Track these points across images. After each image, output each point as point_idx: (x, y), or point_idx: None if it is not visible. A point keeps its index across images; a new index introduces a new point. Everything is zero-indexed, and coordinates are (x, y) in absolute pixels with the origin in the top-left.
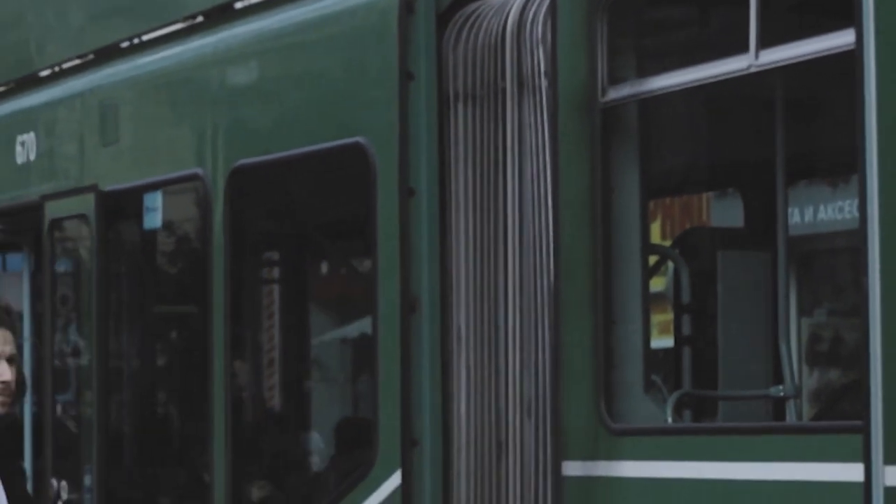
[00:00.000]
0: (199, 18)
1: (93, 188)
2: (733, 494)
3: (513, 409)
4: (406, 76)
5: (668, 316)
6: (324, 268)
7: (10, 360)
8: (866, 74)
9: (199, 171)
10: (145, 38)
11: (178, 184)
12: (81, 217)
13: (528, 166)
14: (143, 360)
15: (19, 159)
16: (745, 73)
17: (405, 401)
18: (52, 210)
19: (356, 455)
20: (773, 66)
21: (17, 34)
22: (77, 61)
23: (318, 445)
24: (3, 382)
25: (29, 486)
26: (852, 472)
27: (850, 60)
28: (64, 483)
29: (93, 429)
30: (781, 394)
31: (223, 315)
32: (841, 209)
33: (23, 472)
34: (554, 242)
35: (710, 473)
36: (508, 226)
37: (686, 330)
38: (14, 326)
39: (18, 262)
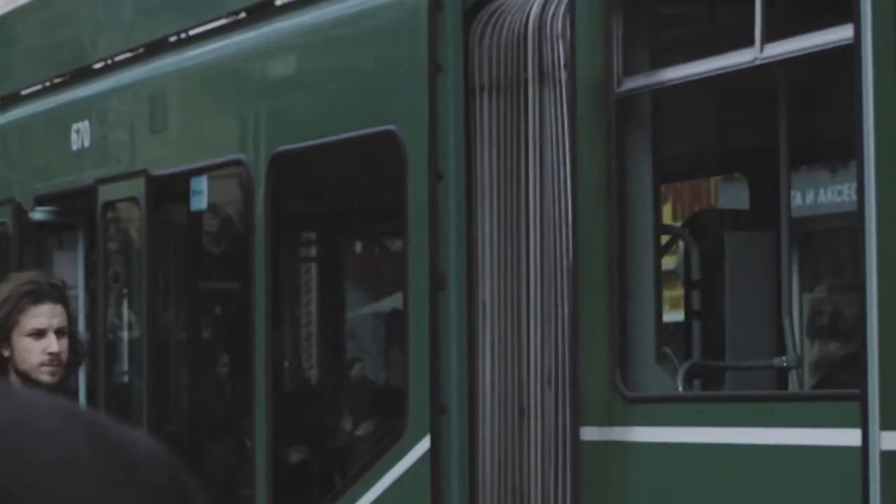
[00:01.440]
0: (242, 14)
1: (143, 172)
2: (739, 458)
3: (534, 378)
4: (435, 68)
5: (679, 292)
6: (358, 247)
7: (60, 332)
8: (863, 67)
9: (241, 156)
10: (192, 32)
11: (222, 168)
12: (132, 199)
13: (549, 152)
14: (189, 333)
15: (74, 146)
16: (750, 65)
17: (434, 371)
18: (105, 193)
19: (388, 421)
20: (777, 59)
21: (71, 29)
22: (128, 54)
23: (353, 412)
24: (52, 354)
25: None
26: (850, 437)
27: (848, 54)
28: None
29: (142, 396)
30: (784, 364)
31: (264, 291)
32: (840, 192)
33: None
34: (572, 223)
35: (717, 438)
36: (530, 208)
37: (695, 305)
38: (65, 300)
39: (74, 241)
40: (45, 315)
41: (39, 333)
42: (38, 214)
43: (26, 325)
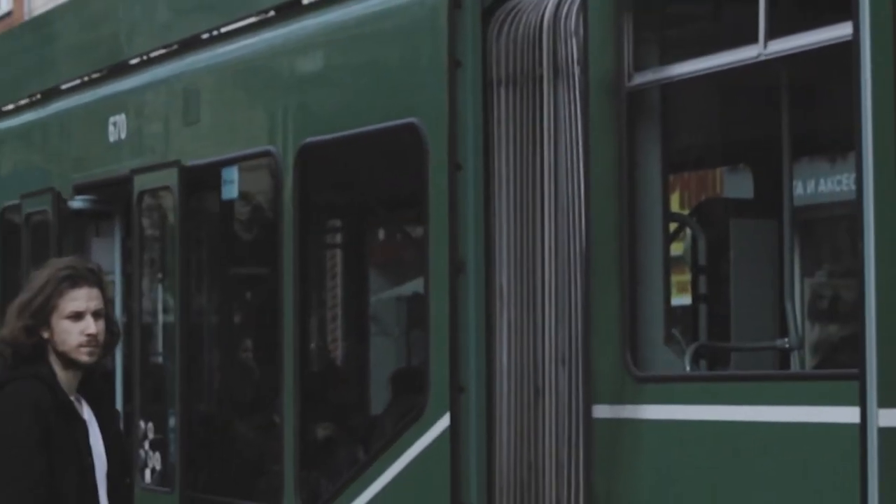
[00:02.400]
0: (271, 13)
1: (176, 163)
2: (743, 434)
3: (549, 358)
4: (454, 64)
5: (686, 277)
6: (381, 234)
7: (96, 314)
8: (862, 62)
9: (270, 148)
10: (223, 30)
11: (252, 159)
12: (166, 189)
13: (563, 144)
14: (221, 316)
15: (111, 138)
16: (754, 61)
17: (453, 352)
18: (141, 182)
19: (410, 400)
20: (780, 55)
21: (109, 27)
22: (163, 51)
23: (376, 391)
24: (90, 335)
25: (121, 427)
26: (849, 414)
27: (847, 50)
28: (151, 424)
29: (176, 376)
30: (786, 345)
31: (292, 276)
32: (839, 182)
33: (116, 414)
34: (585, 211)
35: (723, 416)
36: (545, 197)
37: (702, 289)
38: (101, 284)
39: (111, 228)
40: (82, 298)
41: (77, 316)
42: (77, 203)
43: (65, 308)
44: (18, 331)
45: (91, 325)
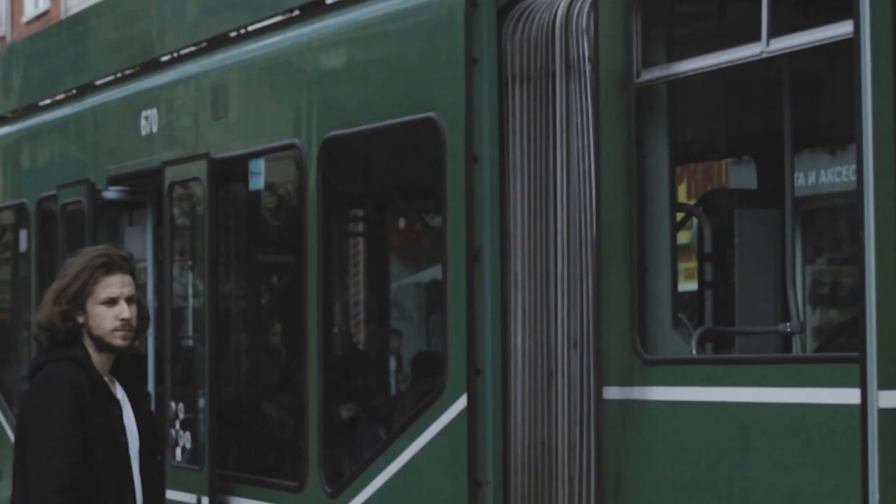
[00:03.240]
0: (296, 12)
1: (205, 155)
2: (747, 415)
3: (561, 342)
4: (471, 61)
5: (693, 264)
6: (401, 223)
7: (129, 300)
8: (862, 59)
9: (295, 140)
10: (250, 28)
11: (278, 152)
12: (196, 180)
13: (574, 137)
14: (248, 301)
15: (143, 131)
16: (757, 58)
17: (470, 336)
18: (171, 174)
19: (429, 381)
20: (782, 52)
21: (141, 25)
22: (192, 48)
23: (397, 373)
24: (124, 320)
25: (152, 407)
26: (850, 395)
27: (848, 47)
28: (181, 405)
29: (205, 359)
30: (789, 330)
31: (316, 263)
32: (839, 173)
33: (148, 395)
34: (596, 202)
35: (727, 397)
36: (557, 187)
37: (708, 276)
38: (133, 271)
39: (143, 217)
40: (116, 285)
41: (112, 302)
42: (111, 193)
43: (100, 294)
44: (55, 316)
45: (125, 310)
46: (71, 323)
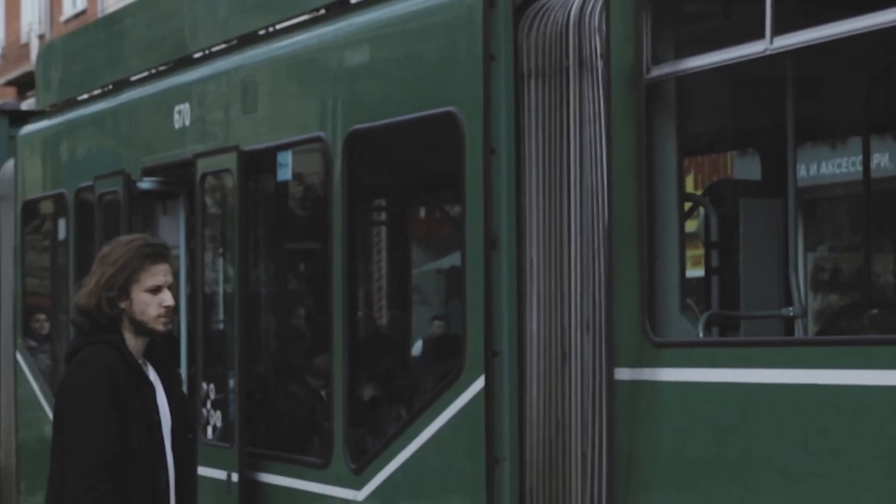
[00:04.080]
0: (322, 11)
1: (235, 148)
2: (751, 395)
3: (575, 326)
4: (489, 58)
5: (700, 251)
6: (422, 212)
7: (170, 287)
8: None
9: (321, 133)
10: (278, 27)
11: (305, 144)
12: (226, 171)
13: (587, 130)
14: (276, 286)
15: (176, 125)
16: (761, 55)
17: (488, 319)
18: (203, 166)
19: (448, 363)
20: (785, 49)
21: (175, 24)
22: (223, 45)
23: (418, 355)
24: (167, 307)
25: (184, 388)
26: (850, 376)
27: (848, 46)
28: (212, 386)
29: (235, 342)
30: (791, 314)
31: (341, 250)
32: (839, 165)
33: (179, 377)
34: (607, 191)
35: (732, 378)
36: (571, 178)
37: (714, 262)
38: (171, 260)
39: (176, 207)
40: (161, 273)
41: (157, 289)
42: (145, 184)
43: (146, 281)
44: (104, 302)
45: (168, 298)
46: (116, 310)
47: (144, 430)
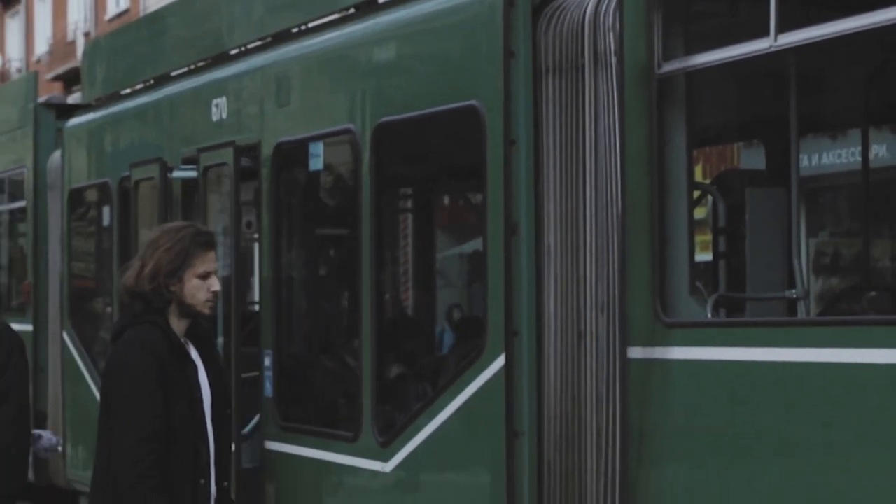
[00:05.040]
0: (351, 10)
1: (270, 139)
2: (756, 372)
3: (590, 307)
4: (509, 54)
5: (708, 237)
6: (446, 200)
7: (215, 273)
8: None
9: (351, 126)
10: (311, 25)
11: (335, 136)
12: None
13: (602, 123)
14: (308, 271)
15: (214, 117)
16: (766, 52)
17: (508, 301)
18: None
19: (470, 343)
20: (789, 46)
21: (213, 22)
22: (258, 42)
23: (441, 336)
24: (215, 292)
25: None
26: (850, 355)
27: (847, 44)
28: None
29: (269, 323)
30: (794, 296)
31: (369, 236)
32: (839, 156)
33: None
34: (621, 181)
35: (739, 356)
36: (587, 168)
37: (721, 247)
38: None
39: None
40: (212, 260)
41: (206, 275)
42: (183, 172)
43: (199, 268)
44: (162, 286)
45: (216, 284)
46: (168, 293)
47: (187, 407)
